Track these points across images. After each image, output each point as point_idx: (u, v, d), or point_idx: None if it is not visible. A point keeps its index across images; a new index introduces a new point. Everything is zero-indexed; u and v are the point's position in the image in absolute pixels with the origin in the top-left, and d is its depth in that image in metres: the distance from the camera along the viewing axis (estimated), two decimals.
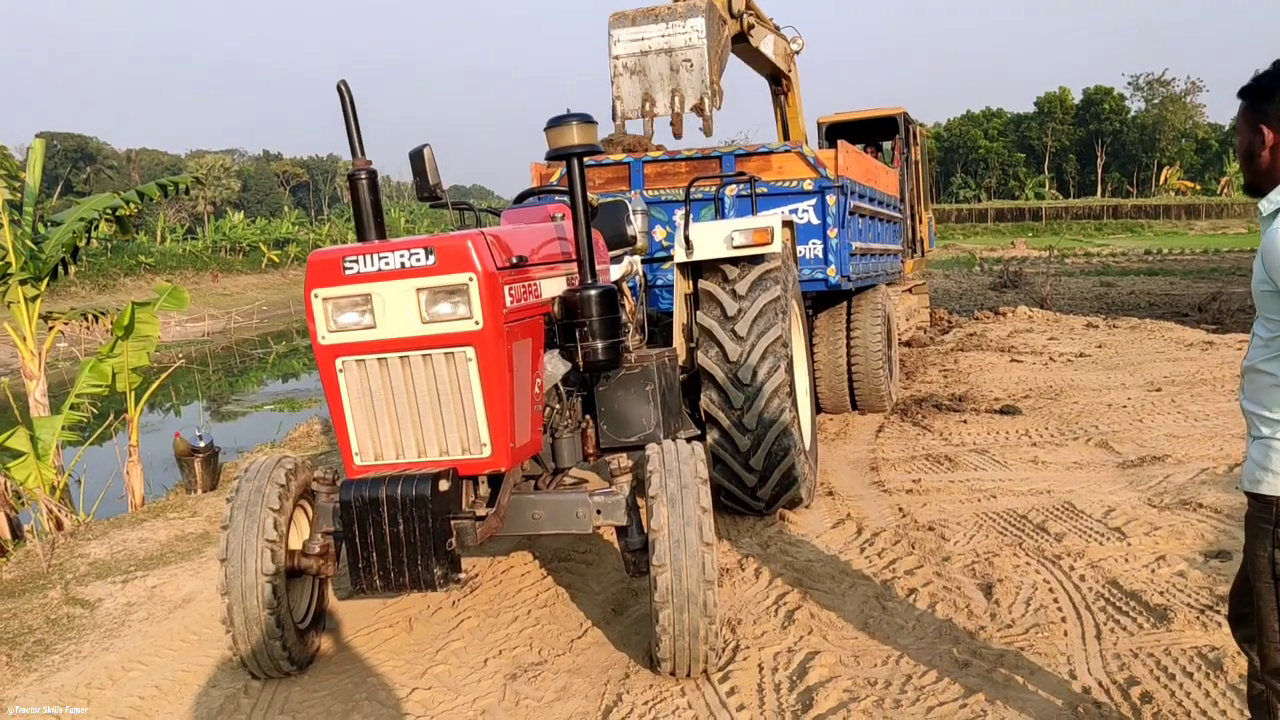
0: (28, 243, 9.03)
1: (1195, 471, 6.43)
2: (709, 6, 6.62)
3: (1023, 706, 3.55)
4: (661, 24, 6.57)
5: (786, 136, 11.40)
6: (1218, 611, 4.17)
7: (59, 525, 7.48)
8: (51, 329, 9.55)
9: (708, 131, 6.80)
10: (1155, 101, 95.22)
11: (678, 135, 6.90)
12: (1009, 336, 14.70)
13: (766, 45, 9.55)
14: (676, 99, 6.69)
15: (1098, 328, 15.44)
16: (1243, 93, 2.55)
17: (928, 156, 14.58)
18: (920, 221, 13.18)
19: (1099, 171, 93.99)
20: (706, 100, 6.66)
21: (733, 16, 8.16)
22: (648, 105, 6.80)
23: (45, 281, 9.17)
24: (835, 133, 12.56)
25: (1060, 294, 23.12)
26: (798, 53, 10.74)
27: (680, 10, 6.59)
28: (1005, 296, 23.27)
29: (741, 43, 8.52)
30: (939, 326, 16.54)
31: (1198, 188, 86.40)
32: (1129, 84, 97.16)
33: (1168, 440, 7.40)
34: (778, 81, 11.12)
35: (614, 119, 7.02)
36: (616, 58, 6.79)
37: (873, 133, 12.94)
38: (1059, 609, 4.39)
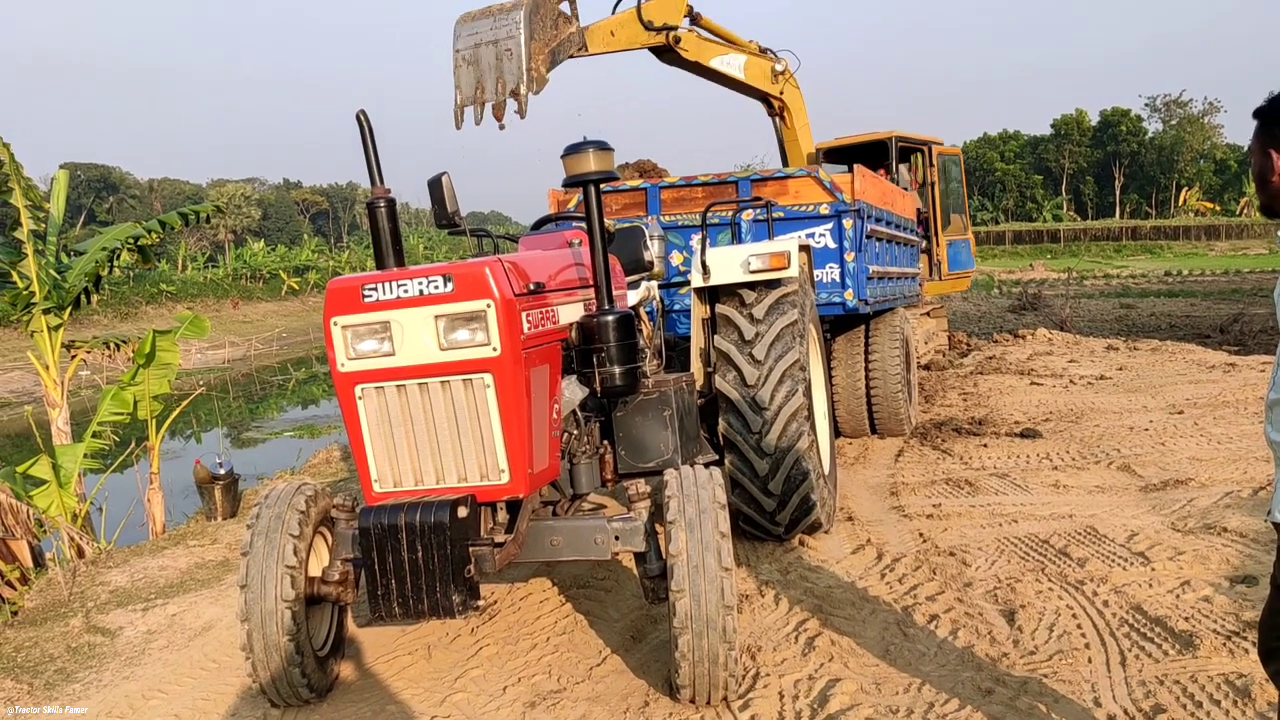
0: (51, 272, 9.14)
1: (1219, 495, 6.36)
2: (532, 3, 7.29)
3: None
4: (491, 19, 7.22)
5: (785, 162, 11.51)
6: (1244, 637, 4.11)
7: (80, 553, 7.52)
8: (74, 357, 9.64)
9: (521, 114, 7.21)
10: (1173, 123, 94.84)
11: (497, 118, 7.29)
12: (1028, 359, 14.63)
13: (726, 64, 10.08)
14: (499, 85, 7.21)
15: (1118, 350, 15.34)
16: (1257, 113, 2.52)
17: (960, 176, 14.41)
18: (938, 244, 13.14)
19: (1117, 193, 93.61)
20: (522, 86, 7.19)
21: (650, 30, 8.94)
22: (479, 92, 7.31)
23: (68, 310, 9.28)
24: (831, 158, 12.66)
25: (1080, 316, 23.00)
26: (781, 72, 10.94)
27: (507, 6, 7.27)
28: (1024, 319, 23.18)
29: (668, 54, 9.30)
30: (958, 349, 16.47)
31: (1217, 208, 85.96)
32: (1146, 105, 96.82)
33: (1191, 463, 7.33)
34: (770, 105, 11.39)
35: (454, 108, 7.45)
36: (457, 51, 7.37)
37: (869, 157, 12.91)
38: (1083, 635, 4.35)
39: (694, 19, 9.85)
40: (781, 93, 11.16)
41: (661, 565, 4.02)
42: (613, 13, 9.02)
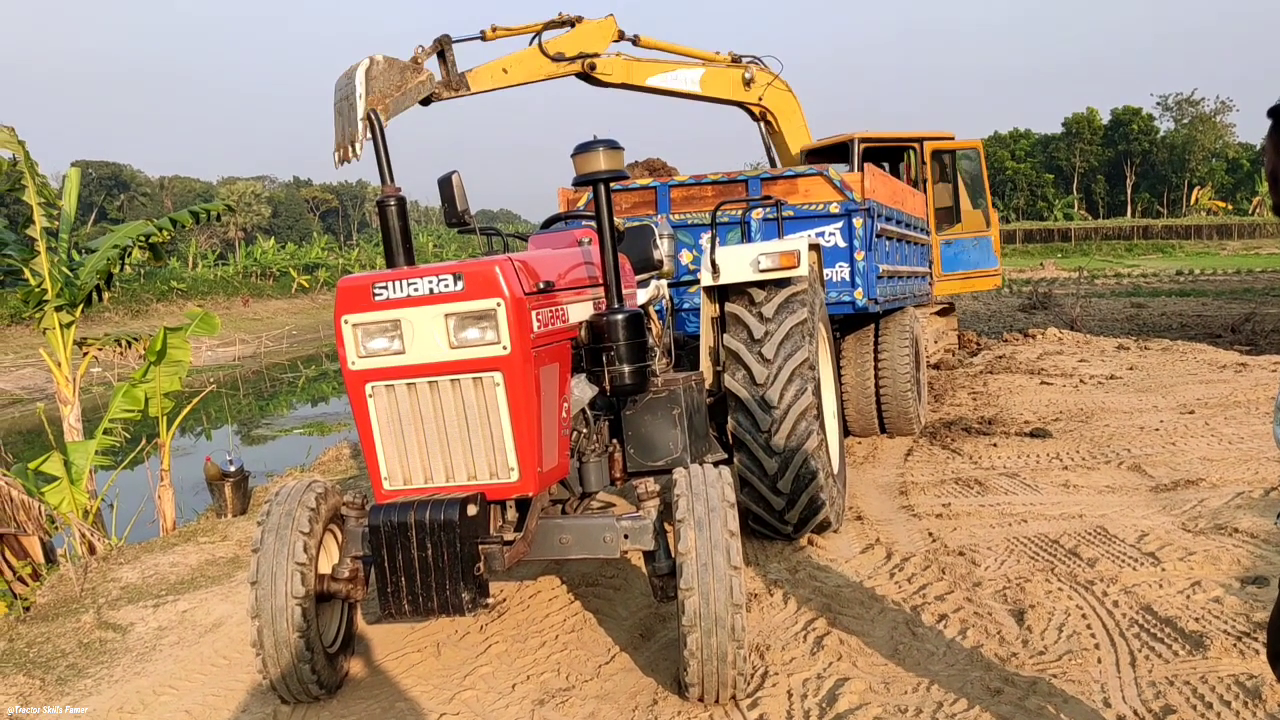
0: (64, 269, 9.18)
1: (1230, 495, 6.34)
2: (371, 61, 8.60)
3: None
4: (348, 78, 8.43)
5: (773, 166, 11.56)
6: (1255, 638, 4.10)
7: (91, 549, 7.55)
8: (86, 354, 9.68)
9: (356, 157, 8.29)
10: (1185, 121, 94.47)
11: (344, 160, 8.35)
12: (1038, 359, 14.59)
13: (672, 81, 10.87)
14: (348, 132, 8.41)
15: (1129, 349, 15.29)
16: (1271, 112, 2.50)
17: (978, 171, 14.05)
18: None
19: (1128, 192, 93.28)
20: (357, 134, 8.39)
21: (560, 61, 9.98)
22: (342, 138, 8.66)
23: (80, 308, 9.32)
24: (810, 160, 12.59)
25: (1090, 315, 22.93)
26: (750, 80, 11.30)
27: (357, 65, 8.53)
28: (1034, 318, 23.12)
29: (590, 80, 10.33)
30: (967, 349, 16.42)
31: (1229, 207, 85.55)
32: (1158, 104, 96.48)
33: (1201, 464, 7.31)
34: (751, 112, 11.78)
35: (331, 151, 8.69)
36: (334, 104, 8.58)
37: (847, 158, 12.78)
38: (1092, 635, 4.34)
39: (634, 40, 10.52)
40: (761, 99, 11.52)
41: (670, 563, 4.02)
42: (529, 45, 9.88)
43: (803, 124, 12.15)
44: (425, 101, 9.48)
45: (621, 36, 10.50)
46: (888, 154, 13.09)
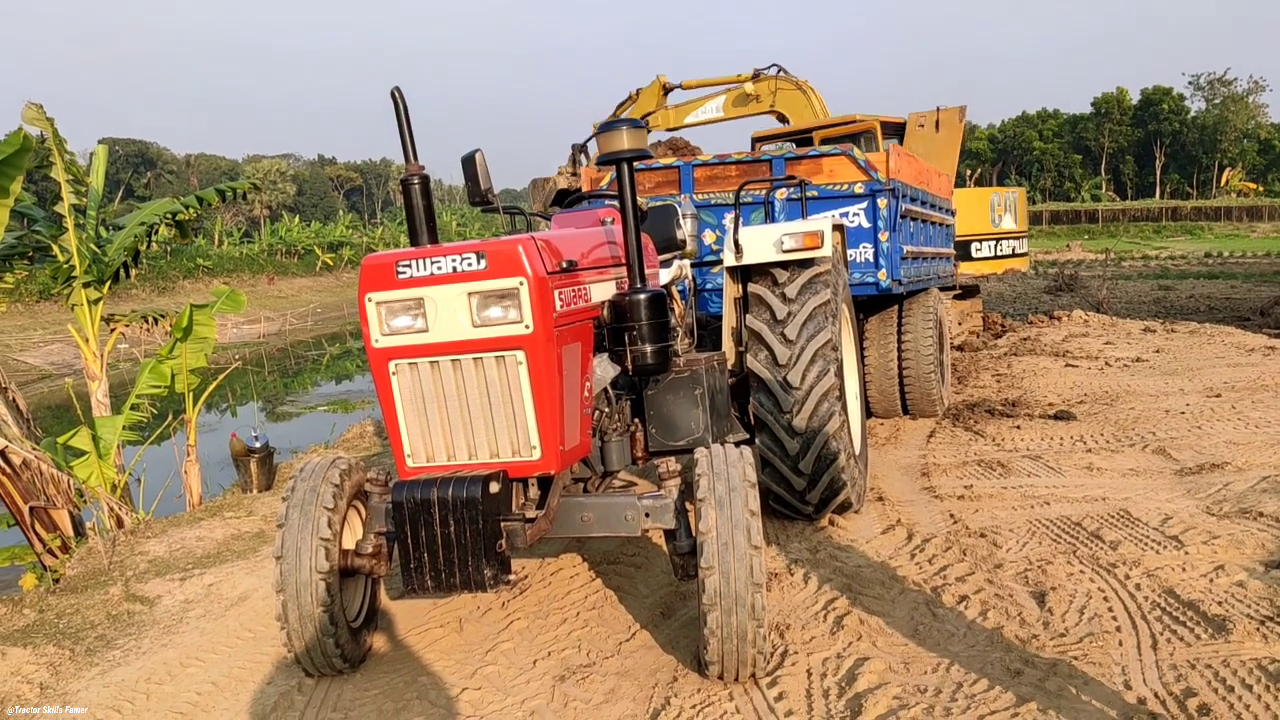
0: (91, 246, 9.27)
1: (1256, 479, 6.29)
2: (531, 183, 11.87)
3: (1076, 717, 3.50)
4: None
5: None
6: (1278, 622, 4.08)
7: (120, 523, 7.65)
8: (113, 331, 9.79)
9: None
10: (1216, 101, 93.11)
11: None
12: (1064, 341, 14.48)
13: (702, 115, 13.19)
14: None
15: (1155, 332, 15.15)
16: None
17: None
18: None
19: (1157, 173, 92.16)
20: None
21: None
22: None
23: (107, 284, 9.40)
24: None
25: (1117, 298, 22.73)
26: (752, 96, 12.94)
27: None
28: (1060, 300, 22.93)
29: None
30: (992, 330, 16.32)
31: (1260, 189, 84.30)
32: (1189, 84, 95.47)
33: (1227, 447, 7.25)
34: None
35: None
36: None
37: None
38: (1114, 618, 4.33)
39: (680, 86, 13.00)
40: (773, 105, 12.84)
41: (691, 542, 4.04)
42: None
43: (815, 115, 12.43)
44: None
45: (669, 89, 12.87)
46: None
